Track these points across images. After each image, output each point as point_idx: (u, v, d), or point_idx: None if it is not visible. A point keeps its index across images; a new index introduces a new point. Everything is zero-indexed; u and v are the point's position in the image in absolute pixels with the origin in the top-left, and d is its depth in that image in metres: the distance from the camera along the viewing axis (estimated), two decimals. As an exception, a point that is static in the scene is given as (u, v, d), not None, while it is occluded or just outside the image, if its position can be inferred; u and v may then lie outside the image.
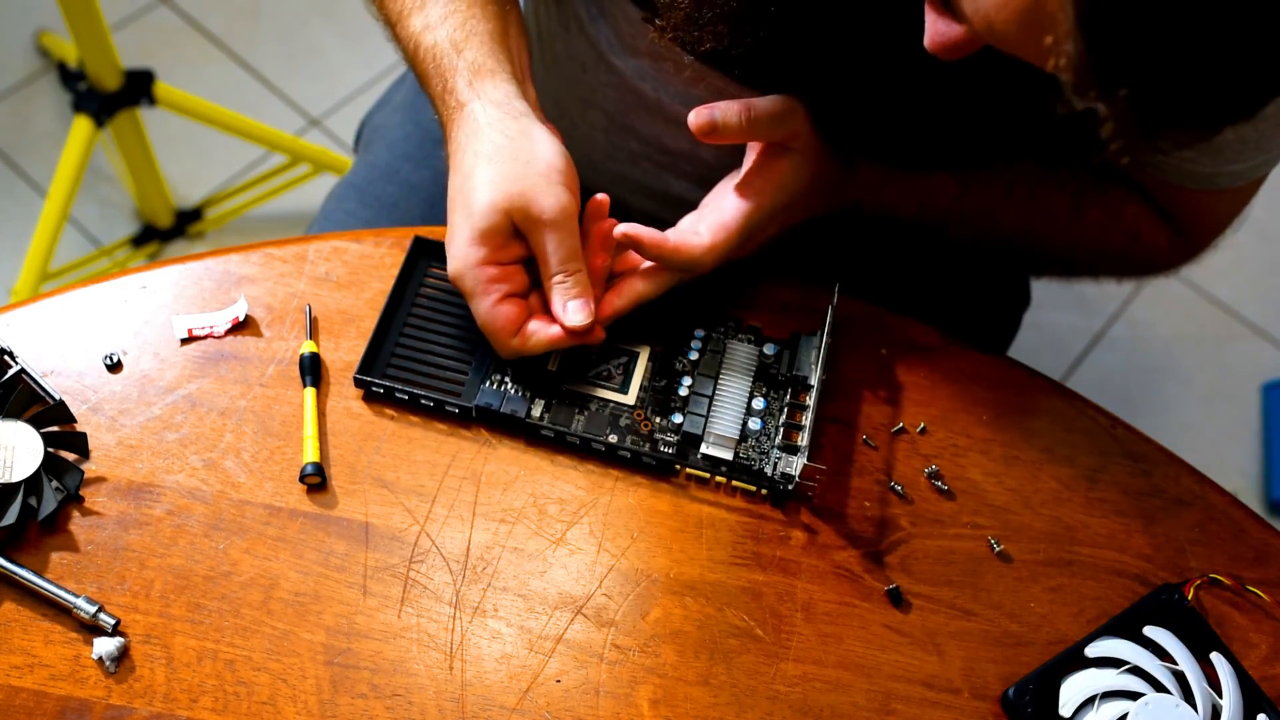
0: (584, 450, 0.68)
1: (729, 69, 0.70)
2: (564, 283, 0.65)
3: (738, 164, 0.72)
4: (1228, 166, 0.68)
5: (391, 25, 0.71)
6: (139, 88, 1.41)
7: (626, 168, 0.85)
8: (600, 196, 0.68)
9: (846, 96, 0.68)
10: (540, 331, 0.66)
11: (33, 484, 0.62)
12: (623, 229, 0.66)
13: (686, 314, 0.72)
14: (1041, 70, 0.46)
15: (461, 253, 0.65)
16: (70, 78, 1.57)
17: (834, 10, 0.63)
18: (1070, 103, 0.44)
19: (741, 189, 0.69)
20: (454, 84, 0.67)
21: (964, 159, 0.70)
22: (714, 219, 0.68)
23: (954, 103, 0.65)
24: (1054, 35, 0.43)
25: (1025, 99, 0.52)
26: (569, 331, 0.66)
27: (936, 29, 0.52)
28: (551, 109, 0.87)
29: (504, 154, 0.64)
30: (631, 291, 0.68)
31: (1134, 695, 0.60)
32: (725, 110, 0.65)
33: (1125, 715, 0.60)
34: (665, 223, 0.69)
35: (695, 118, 0.65)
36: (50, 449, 0.63)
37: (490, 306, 0.65)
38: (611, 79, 0.80)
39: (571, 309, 0.65)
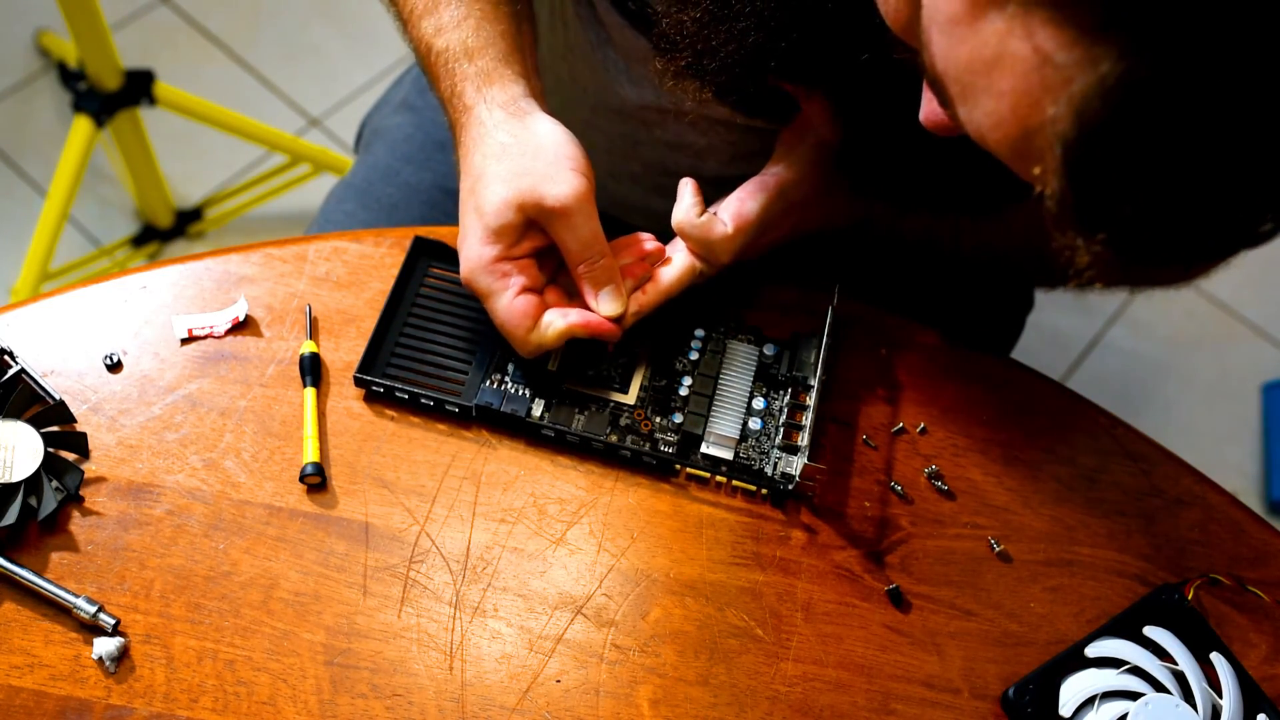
0: (584, 450, 0.68)
1: (735, 106, 0.70)
2: (590, 271, 0.65)
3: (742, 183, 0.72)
4: None
5: (403, 23, 0.71)
6: (139, 88, 1.41)
7: (627, 189, 0.85)
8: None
9: (849, 141, 0.67)
10: (556, 321, 0.65)
11: (33, 484, 0.62)
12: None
13: (686, 314, 0.72)
14: None
15: (475, 253, 0.64)
16: (70, 78, 1.57)
17: (836, 64, 0.62)
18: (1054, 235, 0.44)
19: (758, 181, 0.69)
20: (461, 88, 0.67)
21: (976, 202, 0.69)
22: (734, 208, 0.68)
23: (961, 151, 0.64)
24: (1041, 167, 0.43)
25: None
26: (603, 322, 0.66)
27: (931, 108, 0.52)
28: None
29: (510, 151, 0.64)
30: (655, 289, 0.68)
31: (1134, 695, 0.60)
32: None
33: (1125, 715, 0.60)
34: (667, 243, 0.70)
35: None
36: (50, 449, 0.63)
37: (507, 303, 0.65)
38: (615, 102, 0.79)
39: (604, 297, 0.66)
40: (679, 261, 0.68)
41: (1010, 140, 0.44)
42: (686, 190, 0.68)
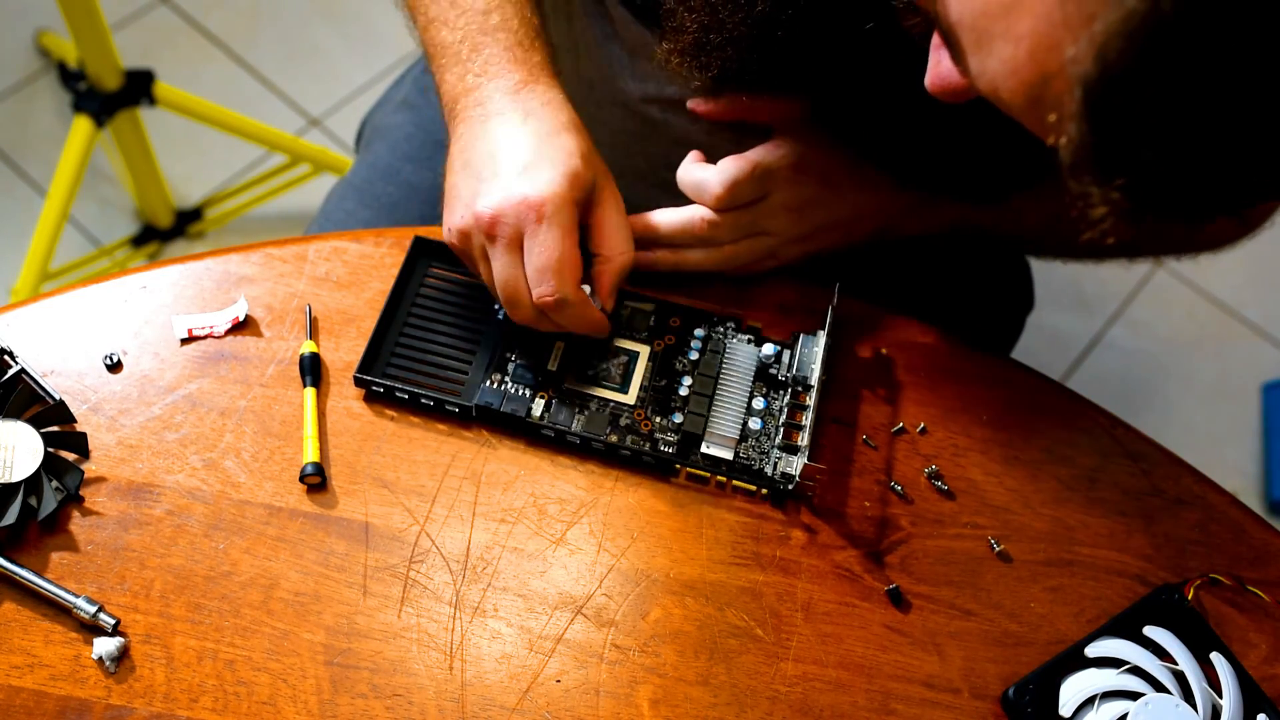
0: (584, 450, 0.68)
1: (738, 90, 0.70)
2: (617, 267, 0.67)
3: None
4: None
5: None
6: (139, 88, 1.41)
7: (631, 186, 0.85)
8: None
9: (859, 118, 0.67)
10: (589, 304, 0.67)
11: (33, 484, 0.62)
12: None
13: (686, 314, 0.72)
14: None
15: (558, 183, 0.63)
16: (70, 78, 1.57)
17: (842, 37, 0.62)
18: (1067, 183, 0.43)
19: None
20: (538, 44, 0.68)
21: (990, 182, 0.69)
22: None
23: (975, 126, 0.62)
24: (1058, 114, 0.42)
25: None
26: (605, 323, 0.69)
27: (938, 72, 0.51)
28: None
29: (585, 132, 0.67)
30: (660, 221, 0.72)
31: (1134, 695, 0.60)
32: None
33: (1125, 715, 0.60)
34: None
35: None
36: (50, 449, 0.63)
37: (574, 247, 0.64)
38: (620, 98, 0.80)
39: (611, 294, 0.68)
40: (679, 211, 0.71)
41: (1026, 87, 0.44)
42: (691, 154, 0.71)
